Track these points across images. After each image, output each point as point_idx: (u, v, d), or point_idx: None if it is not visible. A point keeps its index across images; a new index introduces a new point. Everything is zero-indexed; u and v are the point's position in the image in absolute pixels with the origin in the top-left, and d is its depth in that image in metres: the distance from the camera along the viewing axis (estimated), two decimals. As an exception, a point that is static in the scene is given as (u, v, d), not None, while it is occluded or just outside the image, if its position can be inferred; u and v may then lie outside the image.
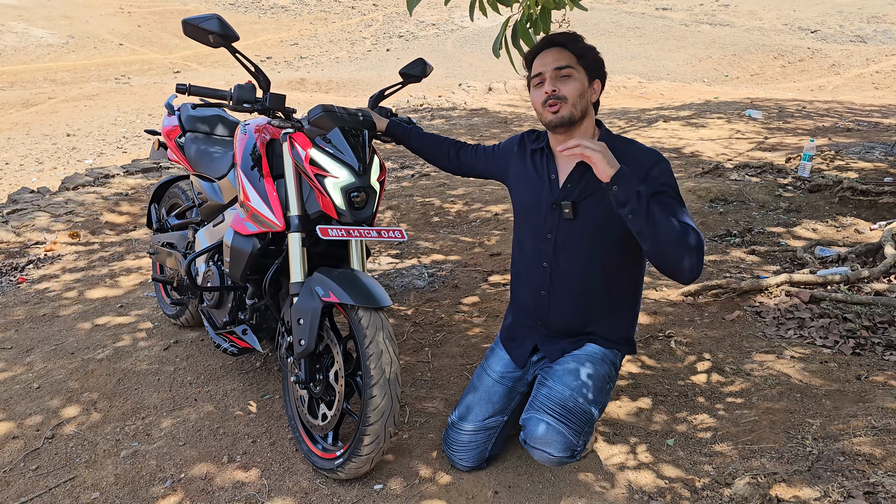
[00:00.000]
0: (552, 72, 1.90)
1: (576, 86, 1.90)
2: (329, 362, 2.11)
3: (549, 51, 1.94)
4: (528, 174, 2.08)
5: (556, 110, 1.89)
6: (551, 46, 1.94)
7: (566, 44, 1.93)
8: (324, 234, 1.98)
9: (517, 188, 2.13)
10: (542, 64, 1.93)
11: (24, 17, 26.71)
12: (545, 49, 1.95)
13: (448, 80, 17.89)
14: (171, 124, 3.01)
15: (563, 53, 1.91)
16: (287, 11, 33.21)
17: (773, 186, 5.07)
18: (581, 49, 1.93)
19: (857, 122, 8.12)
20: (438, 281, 3.64)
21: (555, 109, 1.89)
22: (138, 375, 2.80)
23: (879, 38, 19.32)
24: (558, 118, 1.90)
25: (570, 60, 1.91)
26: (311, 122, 2.08)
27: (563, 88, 1.89)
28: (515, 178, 2.14)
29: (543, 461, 1.91)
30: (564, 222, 1.96)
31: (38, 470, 2.23)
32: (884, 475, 1.88)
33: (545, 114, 1.93)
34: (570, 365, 2.01)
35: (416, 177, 6.09)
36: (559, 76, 1.90)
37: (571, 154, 1.75)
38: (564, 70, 1.89)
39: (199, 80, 18.60)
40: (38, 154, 10.91)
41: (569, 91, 1.89)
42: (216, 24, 1.92)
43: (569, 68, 1.90)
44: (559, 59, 1.91)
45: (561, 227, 1.98)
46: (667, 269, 1.80)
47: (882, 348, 2.72)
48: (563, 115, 1.89)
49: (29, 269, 4.13)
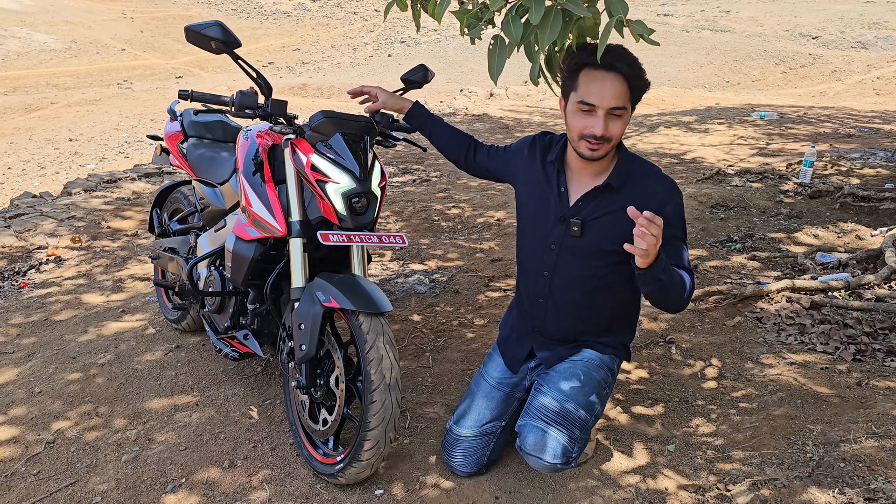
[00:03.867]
0: (607, 110, 1.76)
1: (623, 126, 1.81)
2: (330, 367, 2.11)
3: (609, 79, 1.75)
4: (537, 182, 2.03)
5: (596, 149, 1.81)
6: (612, 71, 1.75)
7: (628, 76, 1.76)
8: (325, 240, 1.98)
9: (524, 194, 2.08)
10: (599, 95, 1.75)
11: (27, 23, 26.82)
12: (605, 71, 1.75)
13: (449, 85, 17.93)
14: (173, 130, 3.02)
15: (623, 88, 1.76)
16: (289, 17, 33.32)
17: (775, 192, 5.08)
18: (639, 84, 1.78)
19: (859, 128, 8.12)
20: (439, 286, 3.65)
21: (595, 147, 1.80)
22: (140, 380, 2.80)
23: (881, 44, 19.34)
24: (594, 157, 1.83)
25: (626, 98, 1.77)
26: (313, 128, 2.08)
27: (612, 130, 1.78)
28: (523, 183, 2.09)
29: (539, 468, 1.91)
30: (569, 237, 1.94)
31: (39, 474, 2.23)
32: (884, 481, 1.88)
33: (582, 146, 1.82)
34: (566, 371, 2.00)
35: (417, 182, 6.10)
36: (611, 115, 1.77)
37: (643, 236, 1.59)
38: (618, 111, 1.77)
39: (201, 85, 18.66)
40: (41, 159, 10.95)
41: (616, 133, 1.80)
42: (218, 30, 1.93)
43: (623, 109, 1.77)
44: (618, 98, 1.75)
45: (565, 241, 1.95)
46: (656, 305, 1.86)
47: (883, 354, 2.72)
48: (601, 155, 1.83)
49: (31, 274, 4.14)
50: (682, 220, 1.90)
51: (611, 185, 1.89)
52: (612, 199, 1.89)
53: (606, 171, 1.92)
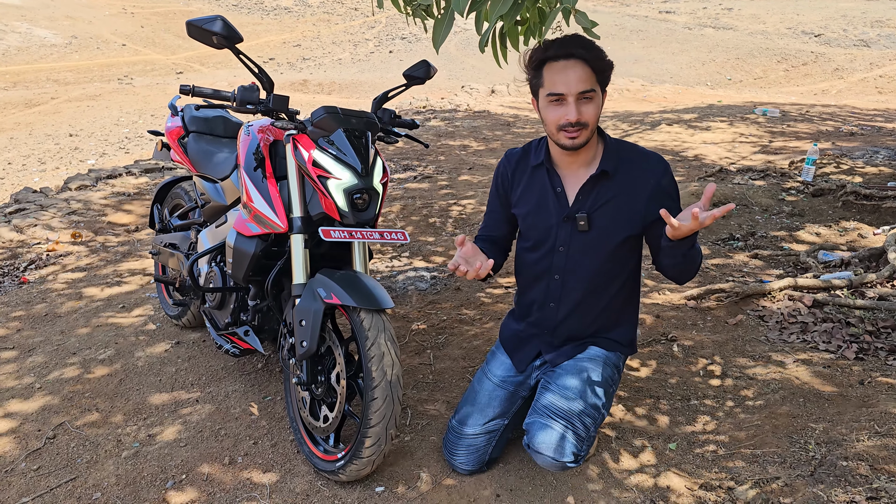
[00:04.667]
0: (576, 96, 1.78)
1: (596, 108, 1.82)
2: (331, 364, 2.11)
3: (571, 66, 1.78)
4: (532, 189, 2.02)
5: (575, 137, 1.81)
6: (571, 58, 1.78)
7: (588, 60, 1.78)
8: (326, 236, 1.97)
9: (522, 205, 2.05)
10: (565, 84, 1.77)
11: (28, 18, 26.77)
12: (565, 60, 1.78)
13: (451, 81, 17.90)
14: (174, 125, 3.01)
15: (586, 72, 1.78)
16: (290, 13, 33.26)
17: (777, 190, 5.07)
18: (602, 66, 1.80)
19: (861, 127, 8.10)
20: (440, 283, 3.64)
21: (573, 135, 1.81)
22: (140, 376, 2.80)
23: (883, 42, 19.30)
24: (575, 145, 1.83)
25: (592, 81, 1.79)
26: (315, 124, 2.08)
27: (586, 114, 1.80)
28: (518, 198, 2.07)
29: (546, 466, 1.91)
30: (577, 234, 1.94)
31: (39, 470, 2.23)
32: (887, 480, 1.87)
33: (561, 137, 1.83)
34: (572, 369, 2.01)
35: (418, 178, 6.09)
36: (581, 99, 1.79)
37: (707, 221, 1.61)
38: (588, 94, 1.78)
39: (201, 81, 18.62)
40: (41, 154, 10.93)
41: (590, 116, 1.81)
42: (220, 25, 1.92)
43: (592, 91, 1.79)
44: (583, 81, 1.77)
45: (573, 239, 1.96)
46: (671, 277, 1.92)
47: (885, 353, 2.71)
48: (581, 141, 1.83)
49: (31, 269, 4.13)
50: (676, 189, 1.96)
51: (606, 172, 1.91)
52: (609, 186, 1.92)
53: (596, 160, 1.94)
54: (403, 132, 2.45)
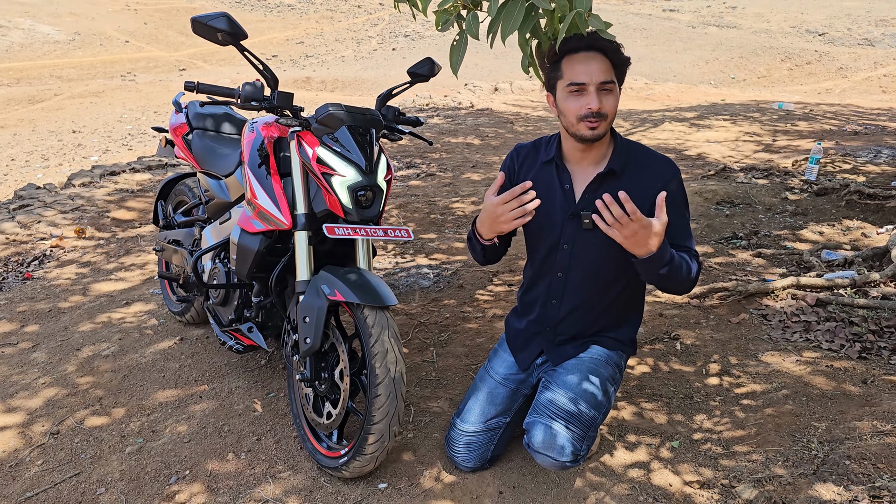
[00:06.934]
0: (597, 85, 1.80)
1: (615, 101, 1.84)
2: (334, 361, 2.11)
3: (592, 58, 1.81)
4: (539, 185, 1.98)
5: (595, 127, 1.82)
6: (592, 51, 1.81)
7: (609, 53, 1.82)
8: (330, 233, 1.98)
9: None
10: (587, 73, 1.79)
11: (31, 14, 26.79)
12: (586, 52, 1.81)
13: (454, 79, 17.81)
14: (178, 122, 3.01)
15: (606, 63, 1.81)
16: (293, 10, 33.24)
17: (780, 189, 5.06)
18: (620, 60, 1.84)
19: (865, 126, 8.08)
20: (444, 280, 3.64)
21: (594, 126, 1.81)
22: (143, 372, 2.80)
23: (887, 41, 19.23)
24: (596, 135, 1.84)
25: (612, 73, 1.82)
26: (319, 121, 2.08)
27: (606, 105, 1.81)
28: None
29: (547, 465, 1.90)
30: (582, 232, 1.93)
31: (43, 465, 2.24)
32: (889, 479, 1.87)
33: (581, 128, 1.83)
34: (574, 368, 2.01)
35: (422, 176, 6.09)
36: (602, 89, 1.81)
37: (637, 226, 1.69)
38: (608, 85, 1.81)
39: (204, 77, 18.60)
40: (44, 150, 10.94)
41: (610, 108, 1.82)
42: (225, 22, 1.93)
43: (611, 83, 1.82)
44: (604, 72, 1.80)
45: (578, 237, 1.95)
46: (662, 291, 1.94)
47: (888, 352, 2.71)
48: (601, 132, 1.84)
49: (35, 265, 4.14)
50: (684, 193, 1.96)
51: (613, 171, 1.91)
52: (616, 185, 1.90)
53: (605, 158, 1.94)
54: (407, 129, 2.45)
